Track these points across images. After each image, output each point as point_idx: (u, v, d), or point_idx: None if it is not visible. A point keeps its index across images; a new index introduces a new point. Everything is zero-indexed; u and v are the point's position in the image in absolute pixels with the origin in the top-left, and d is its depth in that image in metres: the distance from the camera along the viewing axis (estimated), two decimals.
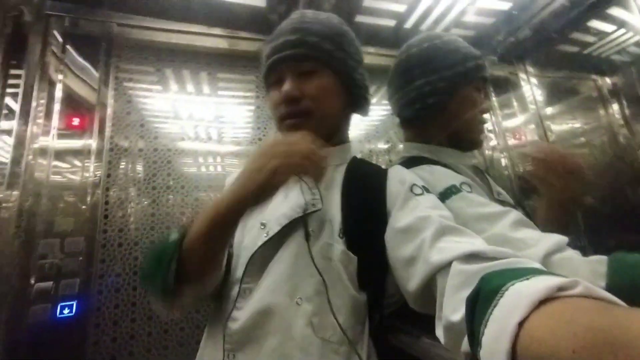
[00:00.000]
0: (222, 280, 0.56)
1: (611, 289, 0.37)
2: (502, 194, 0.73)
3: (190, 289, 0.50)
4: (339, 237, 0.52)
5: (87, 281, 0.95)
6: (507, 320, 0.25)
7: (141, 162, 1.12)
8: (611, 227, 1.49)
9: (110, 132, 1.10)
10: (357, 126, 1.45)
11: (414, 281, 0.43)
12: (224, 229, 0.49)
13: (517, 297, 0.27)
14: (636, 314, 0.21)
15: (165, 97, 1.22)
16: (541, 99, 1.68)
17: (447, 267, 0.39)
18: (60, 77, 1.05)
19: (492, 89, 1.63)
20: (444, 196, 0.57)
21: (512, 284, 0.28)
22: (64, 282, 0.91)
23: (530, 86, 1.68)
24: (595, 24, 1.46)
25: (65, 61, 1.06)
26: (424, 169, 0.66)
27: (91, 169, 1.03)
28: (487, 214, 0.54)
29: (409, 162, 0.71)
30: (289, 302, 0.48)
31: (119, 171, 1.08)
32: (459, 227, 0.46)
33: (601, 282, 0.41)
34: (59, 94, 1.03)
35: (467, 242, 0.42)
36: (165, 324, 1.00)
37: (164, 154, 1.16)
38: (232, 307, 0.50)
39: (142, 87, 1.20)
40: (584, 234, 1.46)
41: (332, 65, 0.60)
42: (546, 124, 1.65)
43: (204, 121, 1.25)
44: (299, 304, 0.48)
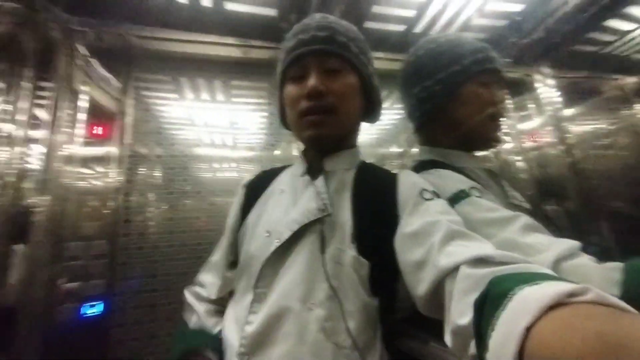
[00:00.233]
0: (233, 290, 0.57)
1: (626, 297, 0.35)
2: (517, 198, 0.71)
3: None
4: (351, 242, 0.52)
5: (111, 283, 1.00)
6: (515, 324, 0.25)
7: (159, 168, 1.17)
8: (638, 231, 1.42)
9: (130, 139, 1.15)
10: (367, 131, 1.46)
11: (422, 286, 0.43)
12: None
13: (526, 301, 0.26)
14: None
15: (181, 105, 1.27)
16: (559, 100, 1.64)
17: (455, 271, 0.38)
18: (84, 88, 1.10)
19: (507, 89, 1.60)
20: (453, 201, 0.57)
21: (521, 289, 0.28)
22: (91, 283, 0.97)
23: (546, 87, 1.64)
24: (613, 23, 1.41)
25: (89, 73, 1.12)
26: (433, 173, 0.65)
27: (113, 175, 1.08)
28: (496, 218, 0.53)
29: (419, 167, 0.70)
30: (302, 306, 0.48)
31: (138, 177, 1.13)
32: (468, 231, 0.45)
33: (614, 290, 0.39)
34: (83, 104, 1.09)
35: (476, 247, 0.41)
36: None
37: (181, 160, 1.20)
38: (247, 312, 0.51)
39: (160, 96, 1.25)
40: (610, 238, 1.40)
41: (357, 67, 0.60)
42: (564, 125, 1.61)
43: (219, 128, 1.29)
44: (311, 309, 0.48)
